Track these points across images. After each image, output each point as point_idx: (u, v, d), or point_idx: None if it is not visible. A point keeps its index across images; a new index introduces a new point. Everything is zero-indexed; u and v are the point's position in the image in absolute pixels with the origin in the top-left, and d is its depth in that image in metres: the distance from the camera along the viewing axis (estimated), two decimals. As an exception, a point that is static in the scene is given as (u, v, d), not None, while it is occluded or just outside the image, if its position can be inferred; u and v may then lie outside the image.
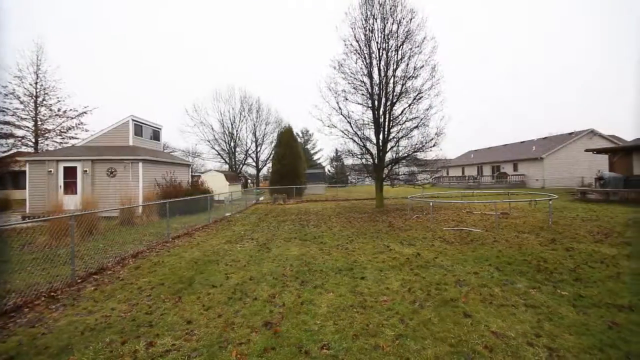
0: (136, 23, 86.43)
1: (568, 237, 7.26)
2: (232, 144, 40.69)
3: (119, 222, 11.18)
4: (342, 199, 22.97)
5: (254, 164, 44.20)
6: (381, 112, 15.06)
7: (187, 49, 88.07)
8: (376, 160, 15.49)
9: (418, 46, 14.37)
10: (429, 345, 2.86)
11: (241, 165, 43.10)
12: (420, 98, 14.73)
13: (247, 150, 42.39)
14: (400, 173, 17.31)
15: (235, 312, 3.75)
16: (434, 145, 14.59)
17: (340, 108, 15.48)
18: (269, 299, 4.12)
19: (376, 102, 15.03)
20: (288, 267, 5.62)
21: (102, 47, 79.06)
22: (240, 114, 40.43)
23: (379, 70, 14.82)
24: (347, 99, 15.48)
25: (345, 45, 15.13)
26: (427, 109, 14.72)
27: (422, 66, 14.49)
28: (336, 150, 18.30)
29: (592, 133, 28.21)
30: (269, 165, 36.44)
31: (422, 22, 14.24)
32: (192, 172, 29.58)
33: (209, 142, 39.41)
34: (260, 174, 46.17)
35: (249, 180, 49.63)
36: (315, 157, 60.11)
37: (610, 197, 14.90)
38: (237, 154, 41.93)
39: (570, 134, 29.71)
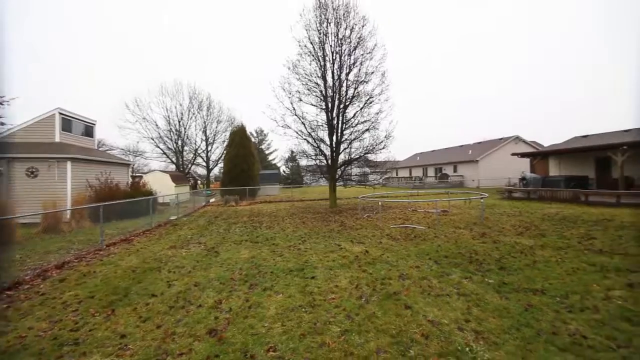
0: (71, 19, 76.47)
1: (496, 231, 8.15)
2: (180, 142, 38.25)
3: (41, 229, 9.82)
4: (296, 199, 22.96)
5: (204, 164, 42.10)
6: (334, 115, 15.39)
7: (131, 49, 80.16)
8: (330, 162, 15.78)
9: (369, 52, 15.00)
10: (372, 338, 2.98)
11: (190, 165, 40.75)
12: (371, 102, 15.38)
13: (197, 150, 40.24)
14: (352, 174, 17.87)
15: (176, 322, 3.52)
16: (383, 148, 15.36)
17: (294, 109, 15.50)
18: (215, 305, 3.95)
19: (330, 105, 15.33)
20: (237, 270, 5.44)
21: (40, 42, 68.46)
22: (189, 110, 38.21)
23: (333, 73, 15.14)
24: (301, 100, 15.55)
25: (300, 46, 15.21)
26: (378, 113, 15.43)
27: (373, 72, 15.16)
28: (291, 151, 18.20)
29: (518, 139, 32.12)
30: (221, 165, 34.99)
31: (373, 29, 14.91)
32: (132, 173, 27.16)
33: (152, 139, 36.48)
34: (211, 174, 44.11)
35: (199, 181, 47.15)
36: (270, 158, 59.24)
37: (530, 195, 17.07)
38: (185, 153, 39.53)
39: (500, 139, 33.41)
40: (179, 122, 37.64)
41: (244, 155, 24.20)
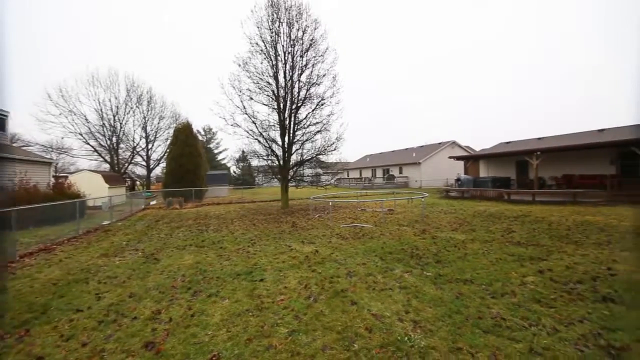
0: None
1: (434, 227, 8.87)
2: (115, 139, 34.61)
3: None
4: (247, 201, 22.34)
5: (144, 163, 38.67)
6: (286, 115, 15.32)
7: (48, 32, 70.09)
8: (282, 162, 15.66)
9: (321, 55, 15.24)
10: (319, 336, 3.03)
11: (127, 165, 37.13)
12: (322, 104, 15.63)
13: (135, 147, 36.82)
14: (305, 175, 17.97)
15: (106, 338, 3.18)
16: (334, 149, 15.71)
17: (244, 107, 15.08)
18: (153, 316, 3.65)
19: (282, 105, 15.21)
20: (179, 277, 5.10)
21: None
22: (127, 104, 34.75)
23: (285, 73, 15.06)
24: (252, 99, 15.19)
25: (251, 44, 14.85)
26: (329, 115, 15.75)
27: (325, 75, 15.44)
28: (242, 150, 17.57)
29: (454, 144, 35.37)
30: (164, 165, 32.51)
31: (325, 33, 15.17)
32: (56, 172, 23.87)
33: (81, 135, 32.34)
34: (152, 174, 40.71)
35: (138, 182, 43.28)
36: (219, 158, 56.77)
37: (464, 195, 18.92)
38: (121, 151, 35.90)
39: (440, 143, 36.43)
40: (114, 116, 34.04)
41: (189, 154, 22.77)
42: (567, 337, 2.90)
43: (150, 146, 37.84)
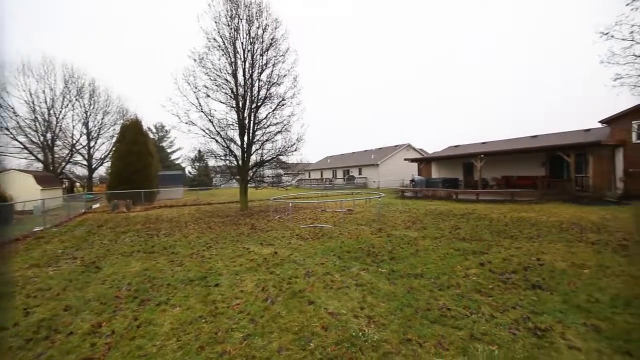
0: None
1: (390, 226, 9.27)
2: (50, 135, 30.96)
3: None
4: (204, 203, 21.38)
5: (85, 162, 35.09)
6: (246, 114, 14.96)
7: None
8: (241, 162, 15.23)
9: (282, 55, 15.14)
10: (275, 338, 3.00)
11: (63, 164, 33.39)
12: (283, 105, 15.53)
13: (74, 145, 33.29)
14: (265, 175, 17.69)
15: (36, 357, 2.84)
16: (295, 150, 15.67)
17: (200, 105, 14.42)
18: (93, 330, 3.33)
19: (241, 104, 14.82)
20: (124, 286, 4.72)
21: None
22: (64, 97, 31.31)
23: (244, 71, 14.71)
24: (209, 96, 14.59)
25: (208, 39, 14.26)
26: (290, 116, 15.68)
27: (285, 75, 15.35)
28: (198, 150, 16.75)
29: (409, 146, 37.30)
30: (108, 164, 29.81)
31: (285, 32, 15.08)
32: (-27, 173, 20.64)
33: (7, 130, 28.41)
34: (95, 175, 37.15)
35: (77, 184, 39.24)
36: (173, 157, 53.62)
37: (418, 195, 20.03)
38: (57, 149, 32.22)
39: (396, 146, 38.17)
40: (49, 110, 30.46)
41: (138, 153, 21.09)
42: (502, 323, 3.22)
43: (92, 144, 34.59)
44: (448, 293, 4.05)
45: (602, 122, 16.67)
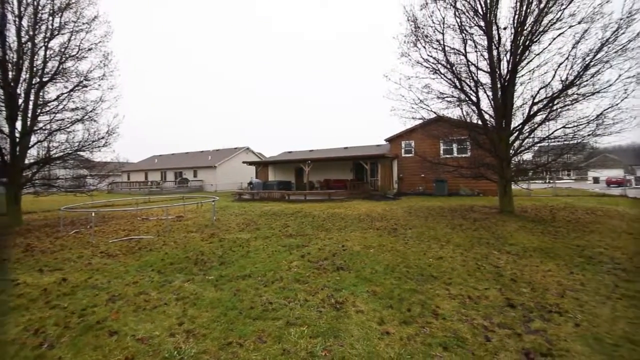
0: None
1: (223, 230, 9.01)
2: None
3: None
4: None
5: None
6: (21, 91, 10.71)
7: None
8: (7, 158, 10.69)
9: (87, 23, 11.84)
10: (46, 396, 2.23)
11: None
12: (86, 86, 12.18)
13: None
14: (57, 177, 13.29)
15: None
16: (104, 145, 12.58)
17: None
18: None
19: (11, 75, 10.48)
20: None
21: None
22: None
23: (19, 29, 10.49)
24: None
25: None
26: (97, 102, 12.46)
27: (91, 49, 12.10)
28: None
29: (248, 150, 37.87)
30: None
31: (93, -2, 11.85)
32: None
33: None
34: None
35: None
36: None
37: (255, 197, 20.57)
38: None
39: (235, 148, 37.88)
40: None
41: None
42: (312, 304, 3.72)
43: None
44: (272, 288, 4.32)
45: (386, 140, 22.81)
